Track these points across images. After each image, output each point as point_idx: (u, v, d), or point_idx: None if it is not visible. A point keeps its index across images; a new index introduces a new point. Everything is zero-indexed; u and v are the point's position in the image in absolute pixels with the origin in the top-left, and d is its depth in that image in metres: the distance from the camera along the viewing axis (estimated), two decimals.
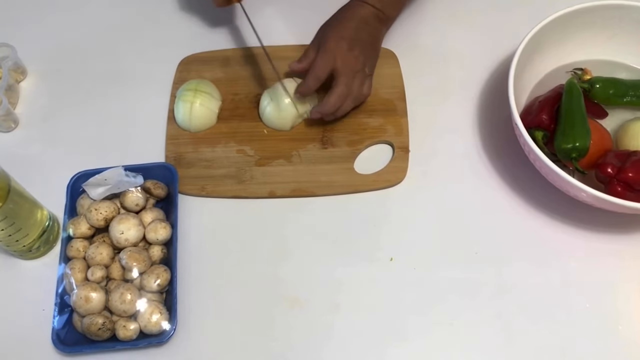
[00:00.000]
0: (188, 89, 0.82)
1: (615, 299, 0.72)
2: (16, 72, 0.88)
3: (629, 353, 0.70)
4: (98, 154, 0.81)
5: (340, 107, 0.78)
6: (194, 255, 0.75)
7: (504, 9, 0.92)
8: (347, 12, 0.80)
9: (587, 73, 0.80)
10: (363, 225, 0.77)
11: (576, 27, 0.80)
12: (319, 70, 0.77)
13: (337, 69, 0.77)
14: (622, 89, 0.79)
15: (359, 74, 0.78)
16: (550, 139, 0.75)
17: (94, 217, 0.73)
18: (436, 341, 0.70)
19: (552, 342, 0.70)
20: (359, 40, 0.78)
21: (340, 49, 0.77)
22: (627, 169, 0.70)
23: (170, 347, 0.70)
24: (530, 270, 0.74)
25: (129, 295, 0.68)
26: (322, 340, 0.71)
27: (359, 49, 0.78)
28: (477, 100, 0.85)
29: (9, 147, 0.84)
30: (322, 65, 0.76)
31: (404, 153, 0.80)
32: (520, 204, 0.78)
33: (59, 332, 0.69)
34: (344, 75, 0.77)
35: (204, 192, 0.79)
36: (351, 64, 0.77)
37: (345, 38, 0.77)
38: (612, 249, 0.75)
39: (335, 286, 0.73)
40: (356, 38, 0.78)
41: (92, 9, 0.95)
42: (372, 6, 0.80)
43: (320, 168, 0.80)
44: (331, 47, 0.77)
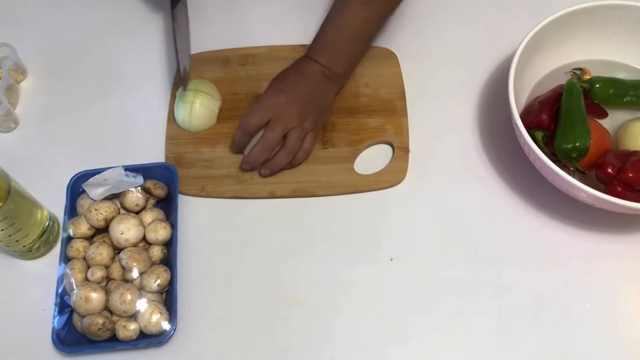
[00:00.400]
0: (188, 89, 0.82)
1: (615, 299, 0.72)
2: (16, 72, 0.88)
3: (629, 353, 0.70)
4: (98, 154, 0.81)
5: (272, 160, 0.77)
6: (194, 255, 0.75)
7: (504, 9, 0.92)
8: (295, 68, 0.79)
9: (587, 73, 0.80)
10: (363, 225, 0.77)
11: (576, 27, 0.80)
12: (249, 126, 0.76)
13: (269, 122, 0.76)
14: (622, 89, 0.79)
15: (297, 128, 0.77)
16: (550, 139, 0.75)
17: (94, 217, 0.73)
18: (436, 341, 0.70)
19: (552, 342, 0.70)
20: (300, 95, 0.77)
21: (276, 102, 0.76)
22: (627, 169, 0.70)
23: (170, 347, 0.70)
24: (530, 270, 0.74)
25: (129, 295, 0.68)
26: (322, 340, 0.71)
27: (299, 103, 0.77)
28: (477, 100, 0.85)
29: (9, 147, 0.84)
30: (253, 120, 0.76)
31: (404, 153, 0.80)
32: (520, 204, 0.78)
33: (59, 332, 0.69)
34: (271, 128, 0.76)
35: (204, 192, 0.79)
36: (286, 118, 0.76)
37: (284, 91, 0.77)
38: (612, 249, 0.75)
39: (335, 286, 0.73)
40: (297, 93, 0.77)
41: (93, 9, 0.95)
42: (318, 63, 0.78)
43: (320, 168, 0.80)
44: (266, 100, 0.76)
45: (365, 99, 0.84)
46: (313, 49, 0.80)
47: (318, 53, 0.79)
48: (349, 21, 0.78)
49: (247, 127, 0.76)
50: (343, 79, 0.83)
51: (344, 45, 0.79)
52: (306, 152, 0.79)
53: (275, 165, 0.78)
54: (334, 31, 0.79)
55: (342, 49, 0.79)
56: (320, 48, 0.79)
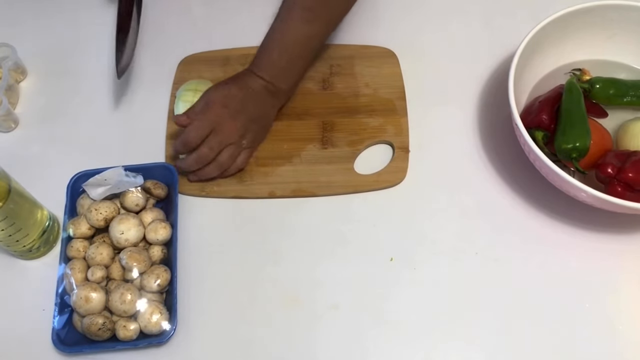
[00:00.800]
0: (188, 89, 0.82)
1: (615, 299, 0.72)
2: (16, 72, 0.88)
3: (629, 353, 0.70)
4: (98, 154, 0.81)
5: (203, 170, 0.78)
6: (194, 255, 0.75)
7: (505, 9, 0.92)
8: (239, 81, 0.78)
9: (586, 73, 0.80)
10: (363, 225, 0.77)
11: (576, 27, 0.80)
12: (190, 140, 0.75)
13: (209, 135, 0.76)
14: (622, 89, 0.79)
15: (233, 145, 0.77)
16: (550, 139, 0.75)
17: (94, 217, 0.73)
18: (436, 341, 0.70)
19: (552, 342, 0.70)
20: (242, 112, 0.77)
21: (220, 116, 0.75)
22: (627, 169, 0.70)
23: (170, 347, 0.70)
24: (530, 270, 0.74)
25: (129, 295, 0.68)
26: (322, 340, 0.71)
27: (241, 121, 0.77)
28: (477, 100, 0.85)
29: (9, 147, 0.84)
30: (194, 134, 0.75)
31: (404, 153, 0.80)
32: (520, 204, 0.78)
33: (59, 332, 0.69)
34: (208, 145, 0.76)
35: (204, 192, 0.79)
36: (226, 134, 0.76)
37: (229, 108, 0.76)
38: (612, 249, 0.75)
39: (335, 286, 0.73)
40: (241, 110, 0.77)
41: (92, 9, 0.95)
42: (262, 79, 0.78)
43: (320, 168, 0.80)
44: (210, 115, 0.75)
45: (365, 99, 0.84)
46: (257, 65, 0.79)
47: (263, 69, 0.78)
48: (292, 39, 0.77)
49: (188, 142, 0.75)
50: (287, 95, 0.82)
51: (288, 63, 0.79)
52: (238, 168, 0.79)
53: (204, 175, 0.78)
54: (278, 49, 0.78)
55: (287, 66, 0.79)
56: (265, 64, 0.78)
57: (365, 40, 0.89)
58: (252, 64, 0.79)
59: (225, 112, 0.76)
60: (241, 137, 0.77)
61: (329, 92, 0.85)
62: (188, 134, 0.75)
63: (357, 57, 0.88)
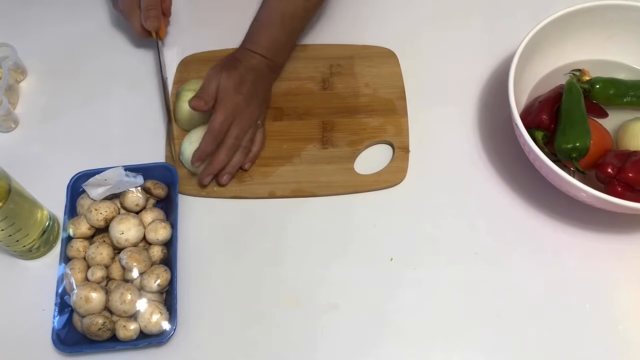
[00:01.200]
0: (188, 89, 0.82)
1: (615, 299, 0.72)
2: (16, 72, 0.88)
3: (629, 353, 0.70)
4: (98, 154, 0.81)
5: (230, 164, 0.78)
6: (194, 255, 0.75)
7: (505, 9, 0.92)
8: (244, 63, 0.78)
9: (586, 74, 0.80)
10: (363, 225, 0.77)
11: (576, 27, 0.80)
12: (218, 132, 0.75)
13: (231, 125, 0.76)
14: (622, 89, 0.79)
15: (252, 128, 0.78)
16: (550, 139, 0.75)
17: (94, 217, 0.73)
18: (436, 341, 0.70)
19: (552, 342, 0.70)
20: (255, 95, 0.78)
21: (238, 105, 0.76)
22: (627, 169, 0.70)
23: (170, 347, 0.70)
24: (530, 270, 0.74)
25: (129, 295, 0.68)
26: (322, 340, 0.71)
27: (255, 104, 0.78)
28: (477, 100, 0.85)
29: (9, 147, 0.84)
30: (219, 127, 0.75)
31: (404, 153, 0.80)
32: (520, 204, 0.78)
33: (59, 332, 0.69)
34: (232, 134, 0.76)
35: (204, 192, 0.79)
36: (246, 120, 0.77)
37: (243, 94, 0.76)
38: (612, 249, 0.75)
39: (335, 286, 0.73)
40: (253, 93, 0.77)
41: (92, 9, 0.95)
42: (263, 56, 0.79)
43: (320, 168, 0.80)
44: (228, 104, 0.75)
45: (365, 99, 0.84)
46: (256, 42, 0.79)
47: (263, 47, 0.78)
48: (291, 13, 0.78)
49: (215, 133, 0.75)
50: (281, 69, 0.84)
51: (287, 37, 0.80)
52: (260, 150, 0.80)
53: (233, 168, 0.78)
54: (278, 24, 0.78)
55: (286, 41, 0.80)
56: (265, 41, 0.79)
57: (365, 40, 0.89)
58: (250, 42, 0.79)
59: (240, 99, 0.76)
60: (257, 118, 0.79)
61: (329, 92, 0.85)
62: (214, 126, 0.75)
63: (357, 57, 0.88)
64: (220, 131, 0.75)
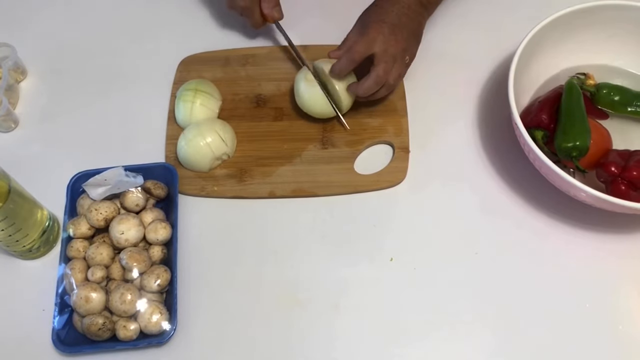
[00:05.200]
0: (188, 89, 0.82)
1: (615, 299, 0.72)
2: (16, 72, 0.88)
3: (629, 353, 0.70)
4: (98, 154, 0.81)
5: (375, 93, 0.78)
6: (194, 255, 0.75)
7: (505, 9, 0.92)
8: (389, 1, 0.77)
9: (590, 78, 0.80)
10: (363, 225, 0.77)
11: (576, 27, 0.80)
12: (356, 53, 0.74)
13: (377, 55, 0.75)
14: (627, 97, 0.78)
15: (398, 62, 0.76)
16: (550, 139, 0.75)
17: (94, 217, 0.73)
18: (436, 341, 0.70)
19: (552, 342, 0.70)
20: (401, 26, 0.76)
21: (381, 33, 0.74)
22: (631, 168, 0.70)
23: (170, 347, 0.70)
24: (530, 270, 0.74)
25: (129, 295, 0.68)
26: (322, 340, 0.71)
27: (402, 35, 0.75)
28: (477, 100, 0.85)
29: (9, 147, 0.84)
30: (360, 48, 0.74)
31: (404, 153, 0.80)
32: (520, 204, 0.78)
33: (59, 332, 0.69)
34: (382, 62, 0.75)
35: (204, 192, 0.79)
36: (391, 50, 0.75)
37: (387, 22, 0.75)
38: (612, 249, 0.75)
39: (335, 286, 0.73)
40: (399, 23, 0.75)
41: (92, 9, 0.95)
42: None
43: (321, 168, 0.80)
44: (372, 31, 0.74)
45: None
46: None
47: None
48: None
49: (353, 54, 0.75)
50: (436, 6, 0.82)
51: None
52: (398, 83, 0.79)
53: (375, 97, 0.78)
54: None
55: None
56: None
57: None
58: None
59: (384, 27, 0.75)
60: (404, 51, 0.76)
61: None
62: (353, 50, 0.74)
63: None
64: (359, 53, 0.74)
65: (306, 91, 0.79)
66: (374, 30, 0.74)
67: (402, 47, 0.76)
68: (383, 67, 0.75)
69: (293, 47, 0.85)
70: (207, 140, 0.78)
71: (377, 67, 0.75)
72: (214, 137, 0.78)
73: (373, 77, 0.75)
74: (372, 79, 0.75)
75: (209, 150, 0.78)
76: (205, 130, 0.78)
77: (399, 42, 0.75)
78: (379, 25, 0.75)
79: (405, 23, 0.76)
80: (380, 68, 0.75)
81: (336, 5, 0.91)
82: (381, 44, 0.74)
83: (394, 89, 0.80)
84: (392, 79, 0.76)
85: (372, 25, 0.75)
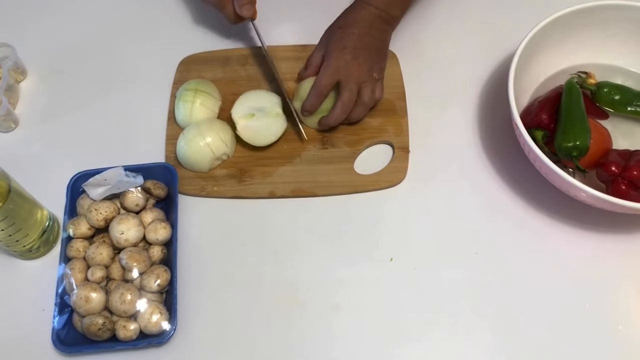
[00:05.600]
0: (188, 89, 0.82)
1: (615, 299, 0.72)
2: (16, 72, 0.88)
3: (629, 353, 0.70)
4: (98, 154, 0.81)
5: (351, 115, 0.79)
6: (194, 255, 0.75)
7: (504, 9, 0.92)
8: (350, 17, 0.79)
9: (592, 77, 0.80)
10: (363, 225, 0.77)
11: (576, 27, 0.80)
12: (321, 87, 0.76)
13: (341, 82, 0.76)
14: (627, 96, 0.78)
15: (367, 82, 0.78)
16: (550, 139, 0.75)
17: (94, 217, 0.73)
18: (436, 341, 0.70)
19: (552, 342, 0.70)
20: (363, 48, 0.77)
21: (343, 60, 0.76)
22: (632, 167, 0.70)
23: (170, 347, 0.70)
24: (530, 270, 0.74)
25: (129, 295, 0.68)
26: (322, 340, 0.71)
27: (364, 57, 0.77)
28: (477, 100, 0.85)
29: (9, 147, 0.84)
30: (324, 81, 0.76)
31: (404, 153, 0.80)
32: (520, 204, 0.78)
33: (59, 332, 0.69)
34: (347, 90, 0.76)
35: (204, 192, 0.79)
36: (355, 74, 0.76)
37: (347, 47, 0.76)
38: (612, 249, 0.75)
39: (335, 286, 0.73)
40: (360, 46, 0.77)
41: (92, 9, 0.95)
42: (374, 7, 0.78)
43: (320, 168, 0.80)
44: (333, 61, 0.76)
45: None
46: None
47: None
48: None
49: (320, 89, 0.76)
50: (399, 21, 0.83)
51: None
52: (378, 101, 0.80)
53: (355, 119, 0.80)
54: None
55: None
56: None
57: None
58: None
59: (345, 54, 0.76)
60: (370, 71, 0.78)
61: None
62: (318, 83, 0.76)
63: None
64: (325, 87, 0.76)
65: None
66: (336, 59, 0.76)
67: (367, 67, 0.77)
68: (347, 96, 0.76)
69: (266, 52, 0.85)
70: (207, 140, 0.78)
71: (342, 95, 0.76)
72: (214, 137, 0.78)
73: (339, 107, 0.77)
74: (338, 109, 0.77)
75: (208, 150, 0.78)
76: (205, 130, 0.78)
77: (362, 65, 0.77)
78: (340, 53, 0.76)
79: (367, 43, 0.77)
80: (345, 96, 0.76)
81: (333, 5, 0.90)
82: (344, 71, 0.76)
83: (372, 105, 0.80)
84: (367, 97, 0.78)
85: (334, 53, 0.76)
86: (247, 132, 0.79)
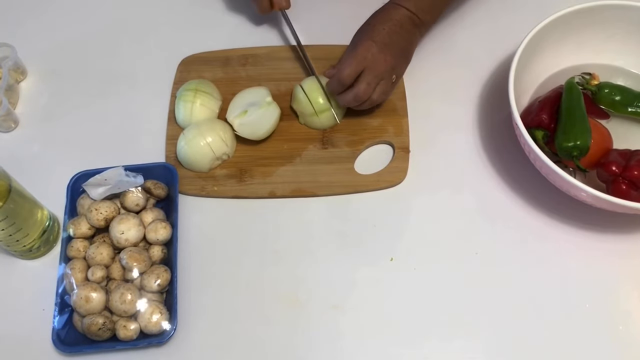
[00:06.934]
0: (188, 89, 0.82)
1: (615, 299, 0.72)
2: (16, 72, 0.88)
3: (629, 353, 0.70)
4: (98, 154, 0.81)
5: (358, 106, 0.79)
6: (194, 255, 0.75)
7: (505, 9, 0.92)
8: (381, 15, 0.78)
9: (595, 78, 0.80)
10: (363, 225, 0.77)
11: (576, 27, 0.80)
12: (344, 76, 0.76)
13: (363, 72, 0.76)
14: (628, 97, 0.78)
15: (385, 81, 0.77)
16: (550, 139, 0.75)
17: (94, 217, 0.73)
18: (436, 341, 0.70)
19: (552, 342, 0.70)
20: (391, 44, 0.76)
21: (370, 52, 0.75)
22: (632, 167, 0.70)
23: (170, 347, 0.70)
24: (530, 270, 0.74)
25: (129, 295, 0.68)
26: (321, 340, 0.71)
27: (391, 54, 0.76)
28: (477, 100, 0.85)
29: (9, 147, 0.84)
30: (348, 71, 0.75)
31: (404, 153, 0.80)
32: (520, 204, 0.78)
33: (59, 332, 0.69)
34: (364, 82, 0.76)
35: (204, 192, 0.79)
36: (379, 69, 0.76)
37: (376, 41, 0.76)
38: (612, 249, 0.75)
39: (335, 286, 0.73)
40: (389, 42, 0.76)
41: (92, 9, 0.95)
42: (406, 9, 0.78)
43: (321, 168, 0.80)
44: (360, 51, 0.75)
45: None
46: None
47: (411, 2, 0.78)
48: None
49: (342, 78, 0.76)
50: (429, 27, 0.82)
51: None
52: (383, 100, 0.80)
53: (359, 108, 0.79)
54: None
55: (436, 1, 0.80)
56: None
57: None
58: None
59: (374, 47, 0.75)
60: (392, 71, 0.77)
61: None
62: (342, 71, 0.75)
63: None
64: (349, 76, 0.75)
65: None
66: (363, 49, 0.75)
67: (391, 65, 0.77)
68: (363, 88, 0.76)
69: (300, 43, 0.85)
70: (207, 140, 0.78)
71: (359, 85, 0.76)
72: (214, 137, 0.78)
73: (352, 95, 0.77)
74: (351, 96, 0.77)
75: (209, 150, 0.78)
76: (205, 130, 0.78)
77: (387, 61, 0.76)
78: (368, 44, 0.76)
79: (395, 41, 0.77)
80: (360, 87, 0.76)
81: (333, 5, 0.91)
82: (370, 62, 0.75)
83: (377, 104, 0.80)
84: (376, 95, 0.77)
85: (362, 43, 0.76)
86: (245, 129, 0.79)
